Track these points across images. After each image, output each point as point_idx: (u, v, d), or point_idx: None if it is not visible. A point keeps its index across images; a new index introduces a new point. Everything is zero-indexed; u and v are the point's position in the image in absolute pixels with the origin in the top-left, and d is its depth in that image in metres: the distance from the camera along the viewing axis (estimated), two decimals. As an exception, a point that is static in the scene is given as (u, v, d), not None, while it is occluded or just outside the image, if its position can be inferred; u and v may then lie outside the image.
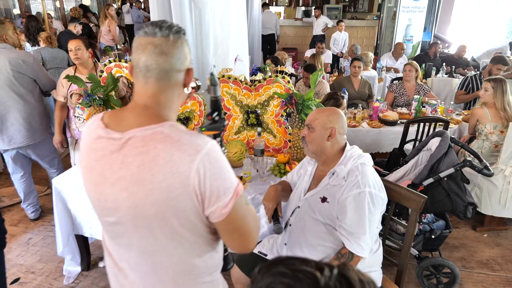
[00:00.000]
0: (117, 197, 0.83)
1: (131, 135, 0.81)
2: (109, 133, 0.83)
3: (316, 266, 0.52)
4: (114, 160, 0.82)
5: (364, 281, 0.52)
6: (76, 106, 2.62)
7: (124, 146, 0.81)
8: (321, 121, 1.46)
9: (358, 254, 1.37)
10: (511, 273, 2.38)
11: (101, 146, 0.84)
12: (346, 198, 1.37)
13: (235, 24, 2.63)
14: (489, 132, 2.79)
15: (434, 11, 6.64)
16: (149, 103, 0.84)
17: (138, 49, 0.83)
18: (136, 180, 0.79)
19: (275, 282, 0.50)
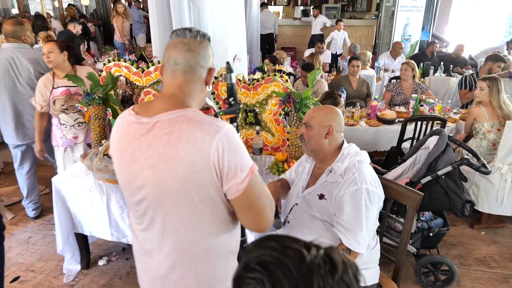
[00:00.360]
0: (145, 175, 0.93)
1: (158, 119, 0.92)
2: (139, 119, 0.95)
3: (305, 245, 0.57)
4: (143, 142, 0.93)
5: (347, 263, 0.57)
6: (59, 113, 2.54)
7: (152, 129, 0.92)
8: (319, 119, 1.47)
9: (355, 250, 1.38)
10: (508, 270, 2.40)
11: (132, 131, 0.95)
12: (343, 195, 1.38)
13: (233, 23, 2.64)
14: (487, 130, 2.81)
15: (432, 10, 6.66)
16: (175, 92, 0.96)
17: (169, 48, 0.98)
18: (162, 157, 0.90)
19: (265, 255, 0.55)
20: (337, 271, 0.55)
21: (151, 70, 2.42)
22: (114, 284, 2.26)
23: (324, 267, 0.55)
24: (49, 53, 2.46)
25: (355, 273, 0.57)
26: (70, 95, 2.56)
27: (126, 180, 0.99)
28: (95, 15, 9.67)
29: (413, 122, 2.97)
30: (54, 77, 2.55)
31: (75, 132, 2.64)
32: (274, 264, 0.55)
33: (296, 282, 0.53)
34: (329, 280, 0.54)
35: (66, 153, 2.68)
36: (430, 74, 4.76)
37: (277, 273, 0.54)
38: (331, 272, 0.55)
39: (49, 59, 2.47)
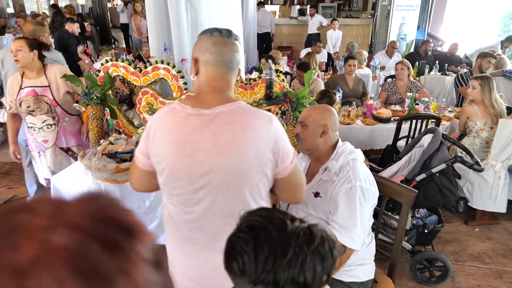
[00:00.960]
0: (211, 162, 1.02)
1: (220, 110, 1.02)
2: (198, 111, 1.03)
3: (291, 218, 0.66)
4: (205, 132, 1.01)
5: (325, 237, 0.65)
6: (26, 115, 2.45)
7: (213, 119, 1.01)
8: (314, 118, 1.49)
9: (350, 247, 1.41)
10: (501, 266, 2.45)
11: (192, 122, 1.02)
12: (338, 192, 1.41)
13: (230, 24, 2.65)
14: (480, 128, 2.85)
15: (427, 10, 6.71)
16: (224, 87, 1.08)
17: (219, 44, 1.05)
18: (231, 144, 1.01)
19: (254, 220, 0.65)
20: (314, 242, 0.63)
21: (149, 70, 2.44)
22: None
23: (303, 237, 0.63)
24: (17, 52, 2.34)
25: (331, 248, 0.66)
26: (37, 96, 2.44)
27: (187, 168, 1.03)
28: (91, 15, 9.65)
29: (408, 121, 3.00)
30: (23, 77, 2.45)
31: (45, 135, 2.53)
32: (260, 228, 0.63)
33: (275, 245, 0.61)
34: (305, 248, 0.62)
35: (41, 158, 2.61)
36: (425, 73, 4.80)
37: (260, 235, 0.62)
38: (308, 242, 0.63)
39: (17, 58, 2.35)
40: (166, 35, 2.57)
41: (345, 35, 7.20)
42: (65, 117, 2.60)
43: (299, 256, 0.61)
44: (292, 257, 0.61)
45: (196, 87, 1.12)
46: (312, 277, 0.62)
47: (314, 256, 0.63)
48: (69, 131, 2.65)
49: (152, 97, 2.50)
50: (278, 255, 0.61)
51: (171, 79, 2.42)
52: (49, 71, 2.52)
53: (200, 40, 1.08)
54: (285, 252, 0.61)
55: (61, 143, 2.62)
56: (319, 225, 0.68)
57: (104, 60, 2.54)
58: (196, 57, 1.08)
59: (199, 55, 1.07)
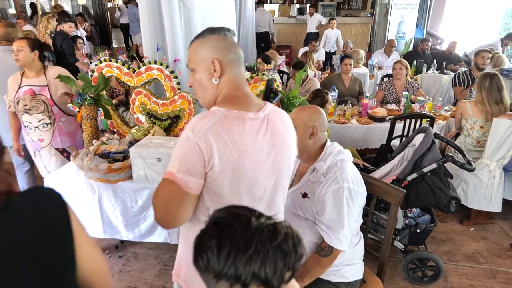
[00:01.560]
0: (274, 162, 1.05)
1: (267, 111, 1.05)
2: (255, 115, 1.01)
3: (258, 215, 0.68)
4: (266, 135, 1.02)
5: (290, 234, 0.67)
6: (22, 113, 2.48)
7: (267, 121, 1.03)
8: (303, 120, 1.49)
9: (337, 248, 1.41)
10: (495, 266, 2.44)
11: (250, 127, 0.99)
12: (325, 193, 1.41)
13: (224, 24, 2.66)
14: (470, 127, 2.84)
15: (426, 8, 6.68)
16: (248, 86, 1.09)
17: (234, 44, 1.05)
18: (286, 142, 1.08)
19: (221, 217, 0.68)
20: (277, 238, 0.64)
21: (142, 70, 2.44)
22: (106, 282, 2.30)
23: (266, 233, 0.64)
24: (18, 51, 2.39)
25: (295, 244, 0.67)
26: (34, 95, 2.48)
27: (259, 174, 1.02)
28: (91, 15, 9.67)
29: (402, 120, 3.00)
30: (23, 76, 2.49)
31: (40, 134, 2.56)
32: (224, 225, 0.65)
33: (237, 241, 0.63)
34: (267, 244, 0.63)
35: (36, 157, 2.63)
36: (423, 72, 4.78)
37: (224, 231, 0.64)
38: (271, 238, 0.64)
39: (18, 57, 2.40)
40: (160, 36, 2.57)
41: (344, 34, 7.18)
42: (62, 117, 2.63)
43: (261, 252, 0.63)
44: (253, 252, 0.62)
45: (224, 89, 1.03)
46: (273, 273, 0.64)
47: (276, 252, 0.64)
48: (64, 131, 2.66)
49: (145, 97, 2.51)
50: (240, 250, 0.62)
51: (164, 79, 2.43)
52: (49, 71, 2.57)
53: (214, 40, 1.02)
54: (247, 248, 0.63)
55: (57, 143, 2.64)
56: (285, 222, 0.69)
57: (98, 60, 2.55)
58: (218, 58, 1.01)
59: (221, 56, 1.01)
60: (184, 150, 0.94)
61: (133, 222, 2.21)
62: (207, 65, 1.02)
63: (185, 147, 0.94)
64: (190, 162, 0.93)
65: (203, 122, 0.94)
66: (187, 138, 0.94)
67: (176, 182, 0.93)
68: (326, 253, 1.44)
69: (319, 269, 1.46)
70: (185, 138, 0.95)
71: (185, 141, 0.94)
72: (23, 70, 2.50)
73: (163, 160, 1.97)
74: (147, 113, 2.53)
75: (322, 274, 1.48)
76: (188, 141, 0.93)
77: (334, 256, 1.44)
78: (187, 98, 2.40)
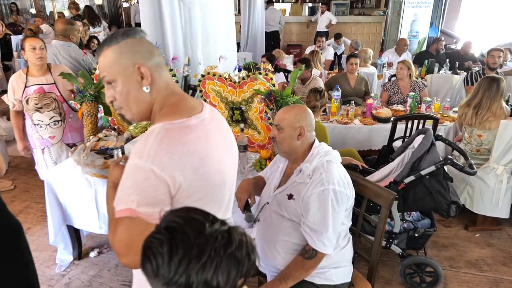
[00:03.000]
0: (232, 158, 1.03)
1: (207, 109, 0.98)
2: (201, 119, 0.93)
3: (212, 220, 0.65)
4: (218, 137, 0.97)
5: (244, 242, 0.65)
6: (33, 112, 2.53)
7: (214, 122, 0.98)
8: (290, 121, 1.46)
9: (321, 251, 1.38)
10: (500, 274, 2.34)
11: (205, 131, 0.93)
12: (310, 195, 1.38)
13: (223, 22, 2.66)
14: (468, 135, 2.75)
15: (440, 7, 6.49)
16: (178, 88, 1.01)
17: (154, 46, 0.97)
18: (231, 134, 1.05)
19: (173, 221, 0.65)
20: (231, 246, 0.62)
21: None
22: (102, 275, 2.33)
23: (221, 240, 0.62)
24: (41, 50, 2.47)
25: (249, 252, 0.65)
26: (44, 93, 2.53)
27: (226, 176, 0.97)
28: (106, 14, 9.86)
29: (405, 121, 2.92)
30: (28, 74, 2.52)
31: (52, 131, 2.61)
32: (177, 230, 0.63)
33: (190, 248, 0.60)
34: (221, 252, 0.61)
35: (45, 154, 2.67)
36: (434, 72, 4.65)
37: (177, 237, 0.62)
38: (225, 246, 0.62)
39: (41, 56, 2.47)
40: (160, 34, 2.59)
41: (356, 33, 7.07)
42: (70, 113, 2.71)
43: (214, 260, 0.61)
44: (206, 260, 0.60)
45: (158, 98, 0.92)
46: (225, 281, 0.62)
47: (229, 260, 0.62)
48: (73, 127, 2.74)
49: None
50: (193, 258, 0.60)
51: (163, 77, 2.44)
52: (54, 70, 2.62)
53: (132, 44, 0.91)
54: (200, 255, 0.61)
55: (68, 139, 2.71)
56: (239, 228, 0.67)
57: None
58: (143, 63, 0.90)
59: (146, 60, 0.91)
60: (138, 180, 0.81)
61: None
62: (131, 73, 0.89)
63: (138, 177, 0.81)
64: (149, 192, 0.81)
65: (149, 145, 0.82)
66: (137, 167, 0.82)
67: (140, 217, 0.81)
68: (310, 256, 1.41)
69: (303, 272, 1.43)
70: (134, 167, 0.82)
71: (136, 171, 0.82)
72: (27, 69, 2.55)
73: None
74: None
75: (306, 276, 1.45)
76: (139, 170, 0.81)
77: (318, 259, 1.41)
78: (184, 96, 2.41)
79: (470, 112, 2.65)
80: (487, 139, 2.68)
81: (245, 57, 4.19)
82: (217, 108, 2.42)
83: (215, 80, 2.35)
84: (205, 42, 2.60)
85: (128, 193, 0.82)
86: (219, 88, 2.36)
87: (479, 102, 2.62)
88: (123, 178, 0.84)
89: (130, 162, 0.84)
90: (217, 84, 2.35)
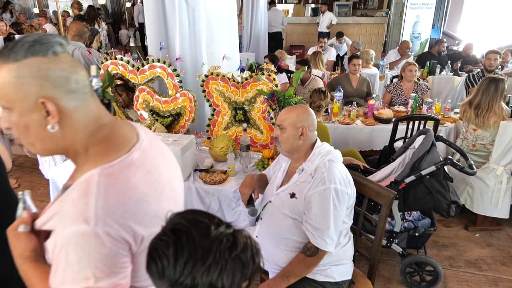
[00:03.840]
0: (180, 183, 0.90)
1: (143, 133, 0.81)
2: (139, 148, 0.76)
3: (217, 223, 0.65)
4: (161, 164, 0.82)
5: (249, 245, 0.65)
6: None
7: (151, 145, 0.81)
8: (292, 121, 1.48)
9: (323, 249, 1.41)
10: (499, 273, 2.36)
11: (147, 167, 0.76)
12: (312, 194, 1.41)
13: (226, 23, 2.69)
14: (465, 130, 2.77)
15: (443, 8, 6.51)
16: (109, 115, 0.81)
17: (73, 66, 0.71)
18: (175, 161, 0.91)
19: (179, 223, 0.64)
20: (236, 249, 0.63)
21: (146, 68, 2.50)
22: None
23: (226, 243, 0.63)
24: None
25: (254, 255, 0.65)
26: None
27: (179, 205, 0.87)
28: (109, 14, 9.92)
29: (406, 122, 2.94)
30: None
31: None
32: (182, 232, 0.63)
33: (196, 250, 0.61)
34: (226, 255, 0.62)
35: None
36: (436, 73, 4.67)
37: (182, 239, 0.62)
38: (230, 248, 0.63)
39: None
40: (164, 34, 2.63)
41: (358, 34, 7.09)
42: None
43: (219, 263, 0.62)
44: (211, 263, 0.61)
45: (80, 136, 0.72)
46: (230, 284, 0.63)
47: (234, 263, 0.63)
48: None
49: (148, 95, 2.57)
50: (198, 260, 0.61)
51: (167, 77, 2.47)
52: None
53: (39, 66, 0.66)
54: (205, 258, 0.61)
55: None
56: (244, 232, 0.68)
57: (104, 58, 2.63)
58: (51, 96, 0.67)
59: (55, 92, 0.67)
60: (91, 251, 0.64)
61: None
62: (31, 107, 0.67)
63: (90, 248, 0.64)
64: (108, 261, 0.66)
65: (92, 203, 0.65)
66: (85, 235, 0.64)
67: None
68: (311, 254, 1.43)
69: (304, 269, 1.46)
70: (81, 237, 0.64)
71: (85, 241, 0.64)
72: None
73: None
74: (150, 110, 2.59)
75: (308, 273, 1.48)
76: (89, 238, 0.64)
77: (320, 257, 1.44)
78: (188, 96, 2.44)
79: (472, 112, 2.68)
80: (482, 134, 2.71)
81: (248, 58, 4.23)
82: (220, 108, 2.46)
83: (218, 80, 2.38)
84: (209, 43, 2.63)
85: (78, 270, 0.64)
86: (222, 88, 2.39)
87: (478, 103, 2.65)
88: (61, 252, 0.64)
89: (70, 230, 0.64)
90: (220, 84, 2.39)
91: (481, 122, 2.66)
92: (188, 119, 2.50)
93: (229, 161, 2.11)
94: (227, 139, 2.29)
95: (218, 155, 2.26)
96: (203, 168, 2.19)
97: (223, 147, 2.25)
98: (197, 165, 2.24)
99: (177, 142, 2.02)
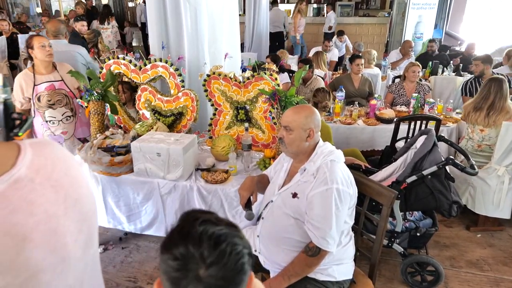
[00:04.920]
0: (80, 210, 0.72)
1: (28, 160, 0.64)
2: (7, 179, 0.60)
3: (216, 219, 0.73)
4: (40, 196, 0.64)
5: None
6: (46, 109, 2.58)
7: (31, 175, 0.64)
8: (300, 123, 1.47)
9: (324, 249, 1.41)
10: (500, 274, 2.36)
11: (14, 202, 0.61)
12: (313, 194, 1.41)
13: (228, 22, 2.70)
14: (470, 130, 2.76)
15: (445, 8, 6.49)
16: None
17: None
18: (78, 181, 0.74)
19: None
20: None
21: (148, 67, 2.51)
22: (107, 271, 2.37)
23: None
24: (50, 47, 2.54)
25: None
26: (55, 90, 2.59)
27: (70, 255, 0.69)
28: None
29: (407, 122, 2.94)
30: (35, 73, 2.56)
31: (64, 127, 2.68)
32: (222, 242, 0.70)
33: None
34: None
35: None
36: (438, 73, 4.66)
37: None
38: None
39: (51, 53, 2.53)
40: (165, 34, 2.64)
41: (361, 34, 7.08)
42: (80, 108, 2.78)
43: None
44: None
45: None
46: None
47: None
48: (84, 122, 2.82)
49: (150, 94, 2.58)
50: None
51: (169, 76, 2.48)
52: (59, 68, 2.67)
53: None
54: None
55: (79, 133, 2.79)
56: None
57: (106, 57, 2.64)
58: None
59: None
60: None
61: (135, 214, 2.28)
62: None
63: None
64: None
65: None
66: None
67: None
68: (313, 253, 1.44)
69: (306, 269, 1.46)
70: None
71: None
72: (33, 67, 2.60)
73: (162, 155, 2.03)
74: (152, 109, 2.60)
75: (309, 273, 1.48)
76: None
77: (321, 257, 1.44)
78: (190, 96, 2.45)
79: (482, 113, 2.67)
80: (489, 135, 2.71)
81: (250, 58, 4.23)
82: (222, 108, 2.47)
83: (220, 80, 2.38)
84: (211, 42, 2.64)
85: None
86: (224, 88, 2.40)
87: (491, 104, 2.65)
88: None
89: None
90: (222, 84, 2.39)
91: (492, 122, 2.66)
92: (190, 118, 2.51)
93: (231, 160, 2.12)
94: (229, 139, 2.30)
95: (220, 155, 2.26)
96: (204, 167, 2.20)
97: (225, 146, 2.26)
98: (199, 164, 2.24)
99: (179, 142, 2.03)
